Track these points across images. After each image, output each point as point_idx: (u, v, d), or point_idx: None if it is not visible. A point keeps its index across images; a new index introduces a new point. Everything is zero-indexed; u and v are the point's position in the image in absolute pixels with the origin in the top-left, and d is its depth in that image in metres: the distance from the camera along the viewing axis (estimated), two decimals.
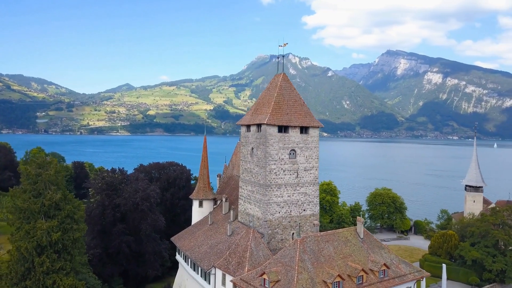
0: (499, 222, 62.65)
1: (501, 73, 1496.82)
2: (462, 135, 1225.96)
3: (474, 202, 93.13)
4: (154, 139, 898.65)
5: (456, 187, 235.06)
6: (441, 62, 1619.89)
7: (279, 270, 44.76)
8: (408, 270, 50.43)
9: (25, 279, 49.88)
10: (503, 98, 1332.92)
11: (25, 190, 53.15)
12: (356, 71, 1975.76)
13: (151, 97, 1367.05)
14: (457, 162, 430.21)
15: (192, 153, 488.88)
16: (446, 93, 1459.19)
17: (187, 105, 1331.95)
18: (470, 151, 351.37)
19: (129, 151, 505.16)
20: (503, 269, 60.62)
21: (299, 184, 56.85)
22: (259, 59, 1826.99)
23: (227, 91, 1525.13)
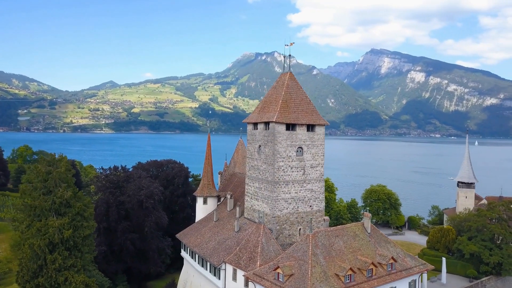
0: (495, 217, 65.13)
1: (482, 72, 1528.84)
2: (444, 133, 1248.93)
3: (466, 198, 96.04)
4: (139, 137, 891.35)
5: (444, 184, 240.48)
6: (424, 61, 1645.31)
7: (292, 264, 45.96)
8: (414, 263, 52.28)
9: (37, 276, 50.06)
10: (484, 97, 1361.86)
11: (36, 188, 53.28)
12: (340, 70, 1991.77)
13: (135, 94, 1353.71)
14: (441, 159, 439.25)
15: (180, 151, 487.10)
16: (428, 92, 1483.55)
17: (172, 102, 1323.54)
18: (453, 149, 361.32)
19: (116, 149, 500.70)
20: (500, 262, 63.11)
21: (305, 180, 58.14)
22: (244, 57, 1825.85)
23: (213, 89, 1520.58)
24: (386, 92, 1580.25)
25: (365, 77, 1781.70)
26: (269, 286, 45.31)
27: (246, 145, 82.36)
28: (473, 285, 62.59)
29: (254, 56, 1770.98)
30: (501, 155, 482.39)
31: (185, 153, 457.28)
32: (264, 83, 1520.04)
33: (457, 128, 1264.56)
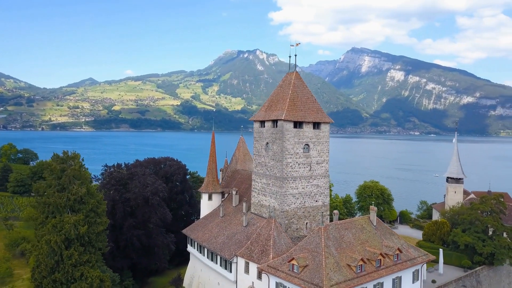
0: (488, 210, 68.77)
1: (459, 71, 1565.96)
2: (423, 131, 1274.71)
3: (455, 193, 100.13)
4: (120, 135, 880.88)
5: (429, 180, 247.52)
6: (403, 60, 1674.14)
7: (306, 256, 48.09)
8: (417, 254, 55.15)
9: (54, 271, 50.90)
10: (461, 95, 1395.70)
11: (50, 185, 53.99)
12: (322, 68, 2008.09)
13: (116, 92, 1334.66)
14: (423, 156, 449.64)
15: (164, 149, 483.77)
16: (408, 90, 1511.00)
17: (153, 100, 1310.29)
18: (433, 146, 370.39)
19: (101, 147, 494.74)
20: (492, 252, 66.72)
21: (312, 176, 60.36)
22: (226, 55, 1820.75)
23: (194, 86, 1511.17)
24: (367, 90, 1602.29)
25: (346, 75, 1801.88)
26: (284, 277, 47.36)
27: (247, 142, 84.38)
28: (467, 274, 66.01)
29: (236, 53, 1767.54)
30: (479, 152, 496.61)
31: (171, 151, 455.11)
32: (247, 81, 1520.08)
33: (435, 126, 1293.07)
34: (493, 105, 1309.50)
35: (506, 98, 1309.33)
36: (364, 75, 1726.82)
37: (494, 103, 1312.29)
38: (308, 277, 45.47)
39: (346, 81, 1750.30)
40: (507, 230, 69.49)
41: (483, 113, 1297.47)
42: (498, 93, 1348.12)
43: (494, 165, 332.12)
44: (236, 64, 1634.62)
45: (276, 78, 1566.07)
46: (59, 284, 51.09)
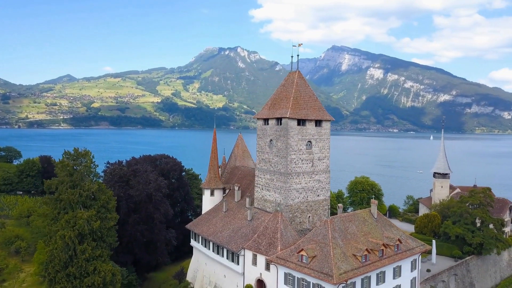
0: (477, 203, 72.79)
1: (436, 69, 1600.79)
2: (402, 128, 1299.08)
3: (442, 188, 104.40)
4: (100, 133, 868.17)
5: (412, 176, 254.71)
6: (382, 58, 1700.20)
7: (314, 247, 50.64)
8: (415, 245, 58.42)
9: (67, 266, 52.11)
10: (438, 93, 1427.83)
11: (62, 182, 55.00)
12: (303, 66, 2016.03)
13: (95, 89, 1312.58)
14: (404, 153, 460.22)
15: (147, 147, 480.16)
16: (387, 88, 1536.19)
17: (133, 97, 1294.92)
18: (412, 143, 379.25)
19: (82, 146, 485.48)
20: (481, 242, 70.77)
21: (314, 172, 62.94)
22: (207, 52, 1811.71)
23: (175, 84, 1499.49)
24: (347, 88, 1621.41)
25: (327, 73, 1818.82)
26: (294, 268, 49.80)
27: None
28: (458, 264, 69.87)
29: (217, 51, 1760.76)
30: (458, 149, 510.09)
31: (152, 148, 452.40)
32: (228, 78, 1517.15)
33: (414, 123, 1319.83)
34: (469, 103, 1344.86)
35: (481, 96, 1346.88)
36: (344, 73, 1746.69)
37: (469, 101, 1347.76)
38: (317, 267, 48.02)
39: (327, 79, 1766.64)
40: (494, 221, 73.69)
41: (459, 110, 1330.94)
42: (474, 91, 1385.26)
43: (473, 161, 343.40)
44: (217, 61, 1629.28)
45: (257, 75, 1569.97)
46: (73, 278, 52.45)
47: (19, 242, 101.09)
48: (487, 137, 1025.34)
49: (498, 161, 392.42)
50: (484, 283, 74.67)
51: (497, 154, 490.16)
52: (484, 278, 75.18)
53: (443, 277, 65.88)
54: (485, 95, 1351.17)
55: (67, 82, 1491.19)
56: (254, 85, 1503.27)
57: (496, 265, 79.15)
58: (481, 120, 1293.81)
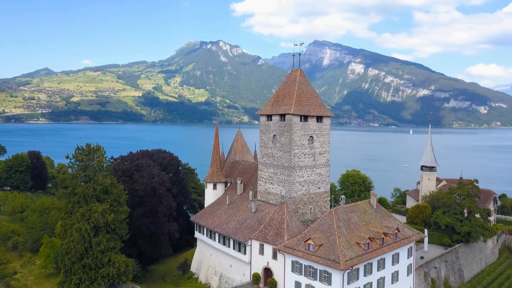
0: (465, 194, 77.27)
1: (415, 65, 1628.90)
2: (382, 122, 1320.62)
3: (429, 180, 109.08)
4: (81, 128, 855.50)
5: (398, 170, 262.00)
6: (363, 53, 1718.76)
7: (320, 236, 53.78)
8: (411, 233, 62.27)
9: (83, 257, 53.99)
10: (417, 88, 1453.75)
11: (75, 176, 56.62)
12: (285, 60, 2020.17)
13: (74, 82, 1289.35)
14: (386, 147, 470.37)
15: (130, 142, 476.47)
16: (367, 83, 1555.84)
17: (114, 91, 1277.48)
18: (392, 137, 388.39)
19: (64, 140, 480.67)
20: (469, 231, 75.28)
21: (315, 166, 66.10)
22: (189, 45, 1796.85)
23: (156, 77, 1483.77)
24: (328, 83, 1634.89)
25: (308, 68, 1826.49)
26: (302, 256, 52.87)
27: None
28: (448, 251, 74.25)
29: (199, 44, 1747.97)
30: (438, 143, 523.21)
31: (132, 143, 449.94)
32: (210, 72, 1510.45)
33: (394, 117, 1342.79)
34: (447, 98, 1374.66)
35: (458, 91, 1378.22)
36: (326, 68, 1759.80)
37: (447, 96, 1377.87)
38: (324, 255, 51.20)
39: (309, 74, 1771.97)
40: (481, 211, 78.41)
41: (438, 105, 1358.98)
42: (451, 86, 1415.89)
43: (455, 155, 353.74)
44: (199, 55, 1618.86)
45: (240, 70, 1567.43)
46: (88, 269, 54.45)
47: (16, 238, 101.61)
48: (464, 131, 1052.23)
49: (479, 155, 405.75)
50: (471, 269, 79.49)
51: (476, 148, 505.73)
52: (471, 264, 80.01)
53: (435, 263, 70.12)
54: (462, 90, 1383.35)
55: (45, 75, 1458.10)
56: (237, 79, 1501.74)
57: (482, 252, 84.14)
58: (459, 115, 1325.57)
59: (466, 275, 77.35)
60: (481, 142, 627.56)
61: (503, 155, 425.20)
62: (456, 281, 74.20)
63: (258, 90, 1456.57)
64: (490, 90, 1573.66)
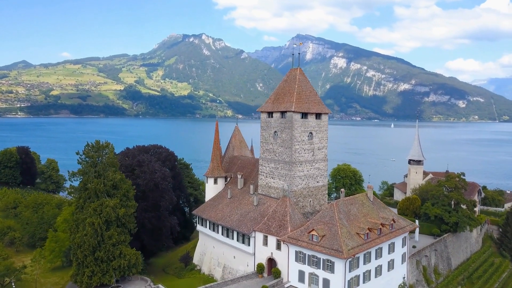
0: (453, 186, 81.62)
1: (396, 59, 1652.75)
2: (364, 116, 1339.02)
3: (416, 173, 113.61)
4: (61, 122, 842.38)
5: (383, 163, 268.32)
6: (345, 48, 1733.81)
7: (322, 227, 56.93)
8: (405, 224, 66.06)
9: (95, 250, 55.94)
10: (398, 82, 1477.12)
11: (86, 172, 58.28)
12: (268, 54, 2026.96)
13: (53, 76, 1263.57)
14: (370, 141, 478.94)
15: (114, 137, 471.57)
16: (350, 77, 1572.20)
17: (94, 85, 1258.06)
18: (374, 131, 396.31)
19: (46, 135, 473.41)
20: (456, 221, 79.70)
21: (314, 160, 69.13)
22: (171, 38, 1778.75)
23: (138, 71, 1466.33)
24: (311, 77, 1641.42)
25: (291, 62, 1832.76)
26: (306, 246, 55.94)
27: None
28: (437, 241, 78.48)
29: (181, 37, 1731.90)
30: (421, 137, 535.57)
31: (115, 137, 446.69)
32: (193, 66, 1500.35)
33: (375, 111, 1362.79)
34: (427, 92, 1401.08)
35: (438, 86, 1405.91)
36: (309, 62, 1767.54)
37: (427, 90, 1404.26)
38: (328, 244, 54.36)
39: None
40: (467, 203, 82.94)
41: (418, 99, 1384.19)
42: (431, 80, 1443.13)
43: (439, 149, 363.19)
44: (182, 49, 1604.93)
45: (223, 63, 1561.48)
46: (100, 262, 56.36)
47: (12, 233, 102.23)
48: (443, 125, 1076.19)
49: (459, 148, 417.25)
50: (458, 257, 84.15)
51: (456, 142, 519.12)
52: (458, 253, 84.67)
53: (425, 252, 74.26)
54: (442, 85, 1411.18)
55: (23, 68, 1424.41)
56: (220, 73, 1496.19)
57: (467, 241, 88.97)
58: (438, 109, 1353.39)
59: (454, 262, 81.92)
60: (460, 136, 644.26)
61: (482, 148, 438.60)
62: (445, 269, 78.64)
63: (242, 84, 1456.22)
64: (468, 84, 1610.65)
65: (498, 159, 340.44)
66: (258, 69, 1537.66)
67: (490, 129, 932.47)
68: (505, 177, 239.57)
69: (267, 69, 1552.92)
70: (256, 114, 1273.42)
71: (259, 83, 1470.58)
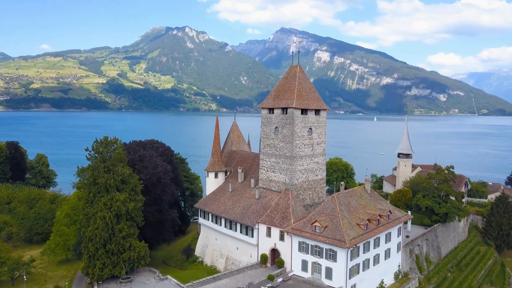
0: (443, 178, 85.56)
1: (379, 53, 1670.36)
2: (347, 110, 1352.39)
3: (405, 166, 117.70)
4: (43, 116, 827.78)
5: (368, 157, 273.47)
6: (328, 41, 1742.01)
7: (325, 218, 59.79)
8: (401, 214, 69.55)
9: (106, 243, 57.68)
10: (381, 76, 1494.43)
11: (95, 167, 59.75)
12: (252, 47, 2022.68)
13: (33, 68, 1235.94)
14: (356, 134, 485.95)
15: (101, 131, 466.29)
16: (333, 71, 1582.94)
17: (76, 78, 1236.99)
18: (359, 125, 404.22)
19: (31, 130, 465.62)
20: (446, 212, 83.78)
21: (313, 155, 71.90)
22: (154, 31, 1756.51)
23: (121, 64, 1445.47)
24: None
25: (275, 55, 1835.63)
26: (309, 236, 58.76)
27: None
28: (428, 230, 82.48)
29: (164, 30, 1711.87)
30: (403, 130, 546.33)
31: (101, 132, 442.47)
32: (176, 59, 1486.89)
33: (359, 105, 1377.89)
34: (409, 86, 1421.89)
35: (419, 80, 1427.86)
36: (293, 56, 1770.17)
37: (409, 84, 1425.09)
38: (330, 235, 57.28)
39: (276, 61, 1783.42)
40: (456, 194, 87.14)
41: (400, 93, 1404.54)
42: (413, 74, 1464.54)
43: (424, 142, 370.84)
44: (165, 41, 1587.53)
45: (207, 56, 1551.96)
46: (111, 254, 58.10)
47: (9, 229, 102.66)
48: (425, 118, 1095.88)
49: (442, 141, 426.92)
50: (447, 246, 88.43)
51: (438, 135, 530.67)
52: (447, 242, 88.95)
53: (418, 241, 78.04)
54: (423, 79, 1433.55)
55: (1, 61, 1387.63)
56: (204, 66, 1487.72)
57: (455, 231, 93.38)
58: (420, 102, 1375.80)
59: (443, 251, 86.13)
60: (442, 129, 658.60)
61: (463, 141, 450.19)
62: (435, 257, 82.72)
63: (226, 77, 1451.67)
64: (449, 78, 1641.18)
65: (479, 152, 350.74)
66: (242, 62, 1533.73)
67: (470, 122, 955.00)
68: (486, 169, 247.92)
69: (251, 63, 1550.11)
70: (241, 107, 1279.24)
71: (243, 76, 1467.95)
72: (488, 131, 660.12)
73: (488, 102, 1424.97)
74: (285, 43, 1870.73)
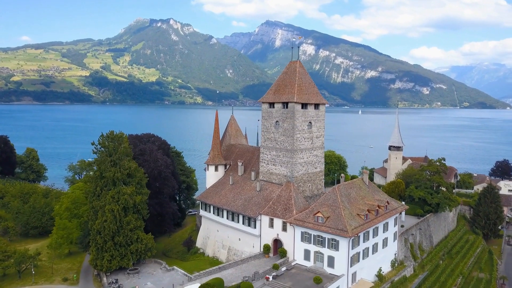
0: (434, 170, 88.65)
1: (364, 47, 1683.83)
2: (333, 103, 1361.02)
3: (396, 159, 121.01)
4: (25, 109, 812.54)
5: (358, 150, 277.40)
6: (314, 35, 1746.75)
7: (327, 209, 61.90)
8: (397, 205, 72.17)
9: (115, 236, 58.82)
10: (365, 69, 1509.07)
11: (103, 162, 60.64)
12: (237, 40, 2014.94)
13: (13, 61, 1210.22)
14: (341, 127, 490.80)
15: (87, 125, 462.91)
16: (319, 64, 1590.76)
17: (58, 70, 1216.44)
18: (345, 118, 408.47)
19: (15, 123, 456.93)
20: (438, 202, 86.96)
21: (313, 148, 73.92)
22: (138, 23, 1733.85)
23: (104, 56, 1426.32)
24: (281, 63, 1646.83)
25: (261, 48, 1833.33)
26: (312, 227, 60.81)
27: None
28: (421, 220, 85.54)
29: (148, 22, 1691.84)
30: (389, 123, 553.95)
31: (87, 125, 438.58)
32: (161, 51, 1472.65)
33: (344, 98, 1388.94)
34: (393, 79, 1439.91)
35: (403, 73, 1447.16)
36: (278, 49, 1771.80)
37: (393, 77, 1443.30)
38: (333, 225, 59.43)
39: (261, 54, 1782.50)
40: (447, 185, 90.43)
41: (384, 86, 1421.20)
42: (397, 68, 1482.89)
43: (412, 135, 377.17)
44: (149, 34, 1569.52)
45: (192, 49, 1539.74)
46: (119, 246, 59.26)
47: (5, 223, 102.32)
48: (409, 111, 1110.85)
49: (428, 134, 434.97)
50: (438, 235, 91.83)
51: (423, 127, 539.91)
52: (438, 231, 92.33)
53: (412, 231, 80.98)
54: (407, 72, 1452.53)
55: None
56: (189, 58, 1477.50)
57: (446, 220, 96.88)
58: (404, 95, 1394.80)
59: (435, 240, 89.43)
60: (426, 122, 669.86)
61: (446, 134, 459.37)
62: (428, 245, 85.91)
63: (211, 70, 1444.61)
64: (432, 72, 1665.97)
65: (462, 144, 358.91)
66: (227, 55, 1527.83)
67: (452, 115, 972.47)
68: (471, 161, 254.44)
69: (236, 55, 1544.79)
70: (226, 100, 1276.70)
71: (228, 69, 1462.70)
72: (471, 123, 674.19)
73: (469, 95, 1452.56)
74: (270, 36, 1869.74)
